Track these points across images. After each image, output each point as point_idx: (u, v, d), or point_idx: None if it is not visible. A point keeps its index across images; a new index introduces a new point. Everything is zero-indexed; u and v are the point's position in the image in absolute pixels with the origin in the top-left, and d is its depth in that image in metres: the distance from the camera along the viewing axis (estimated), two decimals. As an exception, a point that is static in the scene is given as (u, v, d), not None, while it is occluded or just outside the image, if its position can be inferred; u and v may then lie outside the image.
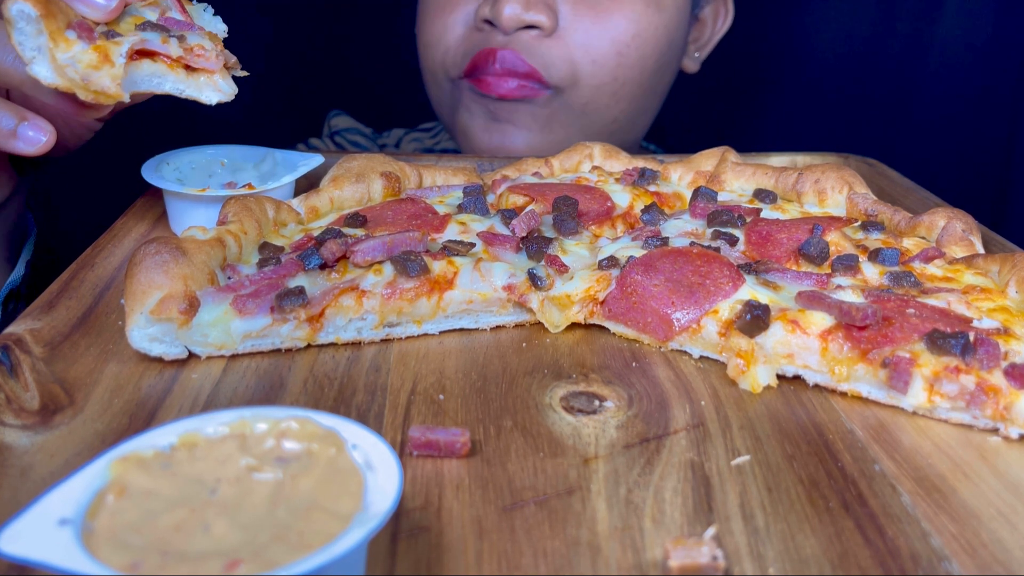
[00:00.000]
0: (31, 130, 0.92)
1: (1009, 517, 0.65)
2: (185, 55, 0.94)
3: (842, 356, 0.79)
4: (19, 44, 0.86)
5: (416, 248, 0.90)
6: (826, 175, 1.11)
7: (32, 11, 0.84)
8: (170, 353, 0.82)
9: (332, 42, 2.25)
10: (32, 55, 0.86)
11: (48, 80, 0.87)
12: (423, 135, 1.94)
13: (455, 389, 0.80)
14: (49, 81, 0.87)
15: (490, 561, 0.59)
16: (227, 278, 0.87)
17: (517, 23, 1.38)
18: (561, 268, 0.93)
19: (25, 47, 0.86)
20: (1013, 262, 0.89)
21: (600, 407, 0.77)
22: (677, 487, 0.67)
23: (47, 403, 0.75)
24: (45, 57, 0.86)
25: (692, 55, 1.66)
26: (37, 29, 0.85)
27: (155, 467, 0.54)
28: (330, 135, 1.92)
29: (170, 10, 0.97)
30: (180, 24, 0.96)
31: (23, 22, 0.85)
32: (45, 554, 0.46)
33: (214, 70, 0.96)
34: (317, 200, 1.03)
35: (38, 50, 0.86)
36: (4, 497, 0.64)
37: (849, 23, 2.10)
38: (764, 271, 0.91)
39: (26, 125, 0.92)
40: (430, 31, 1.51)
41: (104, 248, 1.04)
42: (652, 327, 0.87)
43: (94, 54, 0.88)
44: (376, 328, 0.87)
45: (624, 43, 1.43)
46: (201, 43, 0.95)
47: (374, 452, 0.54)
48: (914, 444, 0.74)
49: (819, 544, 0.62)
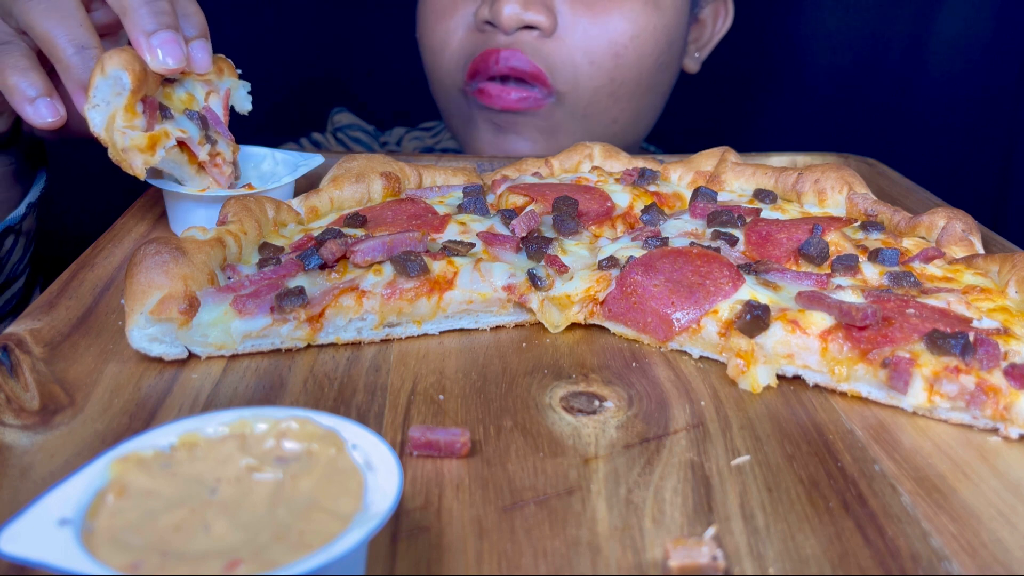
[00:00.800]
0: (45, 107, 0.96)
1: (1009, 517, 0.65)
2: (208, 161, 1.03)
3: (842, 356, 0.79)
4: (95, 88, 0.93)
5: (416, 248, 0.90)
6: (826, 175, 1.11)
7: (128, 84, 0.93)
8: (170, 353, 0.82)
9: (337, 39, 2.25)
10: (97, 103, 0.94)
11: (95, 129, 0.95)
12: (424, 134, 1.94)
13: (455, 389, 0.80)
14: (96, 130, 0.95)
15: (490, 561, 0.59)
16: (227, 278, 0.87)
17: (517, 22, 1.39)
18: (561, 268, 0.93)
19: (97, 94, 0.93)
20: (1013, 262, 0.89)
21: (600, 407, 0.77)
22: (677, 487, 0.67)
23: (47, 403, 0.75)
24: (106, 113, 0.94)
25: (692, 55, 1.66)
26: (117, 93, 0.93)
27: (155, 467, 0.54)
28: (333, 131, 1.92)
29: (217, 93, 1.05)
30: (217, 122, 1.05)
31: (112, 80, 0.93)
32: (45, 554, 0.46)
33: (221, 183, 1.05)
34: (317, 200, 1.03)
35: (105, 103, 0.94)
36: (4, 497, 0.64)
37: (849, 23, 2.10)
38: (764, 271, 0.91)
39: (45, 100, 0.96)
40: (432, 36, 1.51)
41: (104, 248, 1.04)
42: (652, 327, 0.87)
43: (145, 139, 0.96)
44: (376, 328, 0.87)
45: (622, 44, 1.43)
46: (224, 153, 1.04)
47: (374, 452, 0.54)
48: (914, 444, 0.74)
49: (819, 544, 0.62)
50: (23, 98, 0.96)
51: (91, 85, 0.93)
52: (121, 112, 0.94)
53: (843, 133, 2.09)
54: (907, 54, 2.06)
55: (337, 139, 1.90)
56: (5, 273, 1.17)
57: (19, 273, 1.20)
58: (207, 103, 1.05)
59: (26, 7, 0.95)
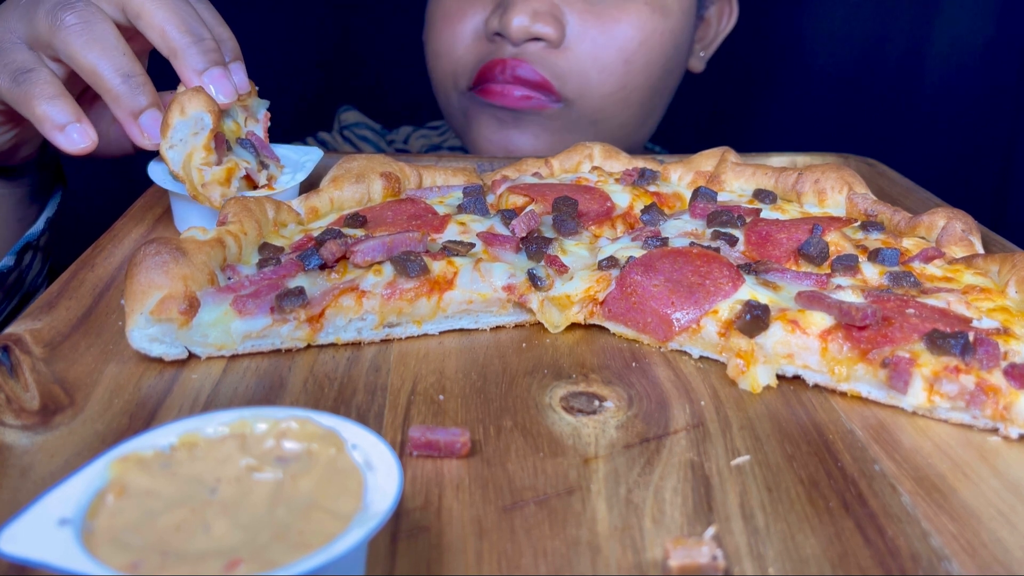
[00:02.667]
0: (77, 133, 0.97)
1: (1009, 517, 0.65)
2: (266, 185, 1.07)
3: (842, 356, 0.79)
4: (174, 128, 0.97)
5: (416, 248, 0.90)
6: (826, 175, 1.11)
7: (209, 123, 0.98)
8: (170, 353, 0.82)
9: (345, 38, 2.25)
10: (175, 144, 0.98)
11: (174, 167, 0.99)
12: (432, 132, 1.94)
13: (455, 389, 0.80)
14: (174, 168, 0.99)
15: (490, 561, 0.59)
16: (227, 278, 0.87)
17: (525, 35, 1.39)
18: (561, 268, 0.93)
19: (176, 134, 0.97)
20: (1013, 262, 0.89)
21: (600, 407, 0.77)
22: (677, 487, 0.67)
23: (47, 403, 0.75)
24: (184, 151, 0.98)
25: (698, 55, 1.66)
26: (195, 132, 0.98)
27: (155, 467, 0.54)
28: (339, 130, 1.92)
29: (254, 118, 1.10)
30: (264, 146, 1.09)
31: (193, 121, 0.97)
32: (45, 554, 0.46)
33: None
34: (317, 200, 1.03)
35: (183, 143, 0.98)
36: (4, 497, 0.64)
37: (849, 23, 2.10)
38: (764, 271, 0.91)
39: (76, 127, 0.97)
40: (439, 40, 1.51)
41: (104, 248, 1.04)
42: (652, 327, 0.87)
43: (223, 173, 1.01)
44: (376, 328, 0.87)
45: (631, 51, 1.44)
46: (276, 176, 1.09)
47: (374, 452, 0.54)
48: (914, 444, 0.74)
49: (819, 544, 0.62)
50: (53, 126, 0.96)
51: (169, 126, 0.96)
52: (200, 150, 0.98)
53: (843, 133, 2.09)
54: (907, 54, 2.06)
55: (344, 138, 1.90)
56: (25, 287, 1.19)
57: (39, 286, 1.22)
58: (247, 127, 1.08)
59: (67, 39, 0.96)
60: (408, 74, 1.89)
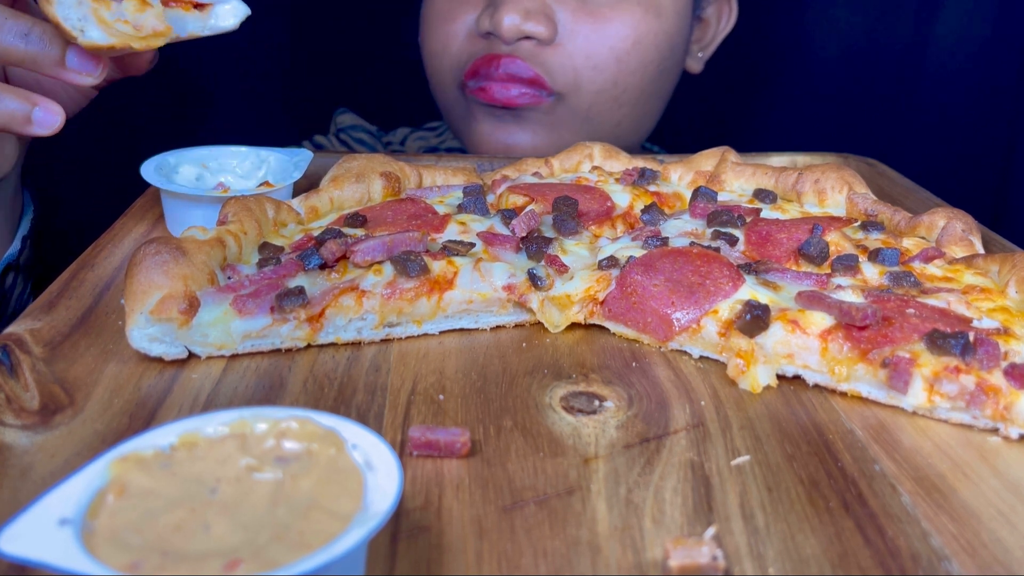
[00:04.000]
0: (43, 113, 0.94)
1: (1009, 517, 0.65)
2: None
3: (842, 356, 0.79)
4: (64, 19, 0.88)
5: (416, 248, 0.90)
6: (826, 175, 1.11)
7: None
8: (170, 353, 0.82)
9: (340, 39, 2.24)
10: (80, 25, 0.89)
11: (102, 42, 0.90)
12: (428, 134, 1.94)
13: (455, 389, 0.80)
14: (103, 43, 0.90)
15: (490, 561, 0.59)
16: (227, 278, 0.87)
17: (517, 33, 1.39)
18: (561, 268, 0.93)
19: (71, 20, 0.89)
20: (1013, 262, 0.89)
21: (600, 407, 0.77)
22: (677, 487, 0.67)
23: (47, 403, 0.75)
24: (93, 21, 0.90)
25: (696, 55, 1.66)
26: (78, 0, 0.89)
27: (155, 467, 0.54)
28: (336, 133, 1.92)
29: None
30: None
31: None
32: (45, 554, 0.46)
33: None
34: (317, 200, 1.03)
35: (84, 19, 0.89)
36: (4, 497, 0.64)
37: (849, 23, 2.10)
38: (764, 271, 0.91)
39: (39, 109, 0.94)
40: (434, 39, 1.52)
41: (104, 248, 1.04)
42: (652, 327, 0.87)
43: (135, 2, 0.92)
44: (376, 328, 0.87)
45: (624, 50, 1.44)
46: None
47: (374, 452, 0.54)
48: (914, 444, 0.74)
49: (819, 544, 0.62)
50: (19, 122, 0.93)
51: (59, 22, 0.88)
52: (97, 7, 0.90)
53: (843, 133, 2.09)
54: (907, 54, 2.06)
55: (340, 140, 1.90)
56: (11, 308, 1.18)
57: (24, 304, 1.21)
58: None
59: None
60: (404, 76, 1.89)
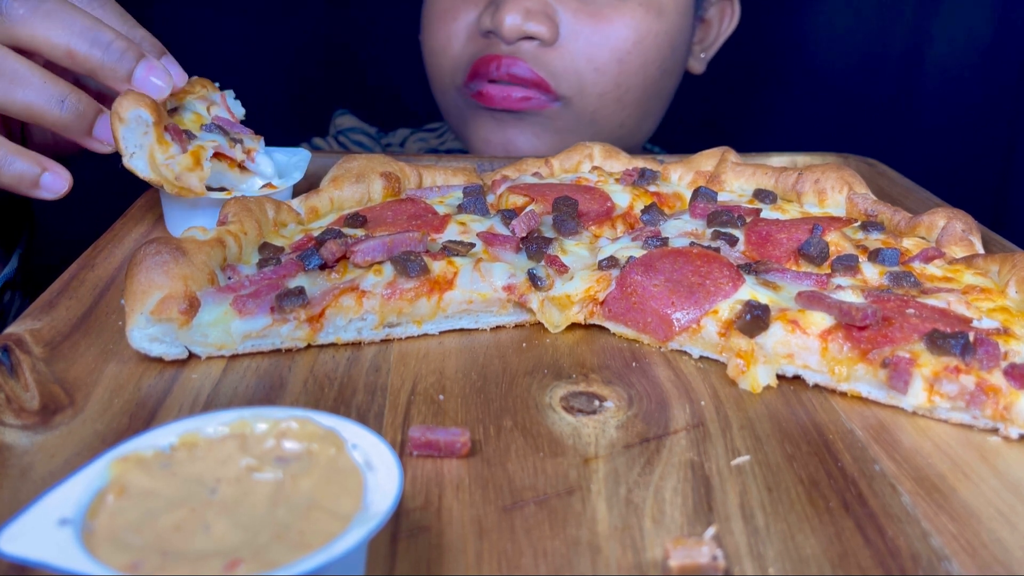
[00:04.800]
0: (52, 178, 0.98)
1: (1009, 517, 0.65)
2: (245, 158, 1.07)
3: (842, 356, 0.79)
4: (123, 139, 0.96)
5: (416, 248, 0.90)
6: (826, 175, 1.11)
7: (148, 118, 0.96)
8: (170, 353, 0.82)
9: (339, 41, 2.25)
10: (133, 151, 0.97)
11: (143, 174, 0.98)
12: (428, 135, 1.94)
13: (455, 389, 0.80)
14: (144, 175, 0.98)
15: (490, 561, 0.59)
16: (227, 278, 0.87)
17: (518, 33, 1.39)
18: (561, 268, 0.93)
19: (128, 143, 0.97)
20: (1013, 262, 0.89)
21: (600, 407, 0.77)
22: (677, 487, 0.67)
23: (47, 403, 0.75)
24: (144, 154, 0.98)
25: (698, 56, 1.65)
26: (145, 131, 0.97)
27: (155, 467, 0.54)
28: (335, 135, 1.92)
29: (215, 105, 1.10)
30: (233, 125, 1.09)
31: (135, 123, 0.96)
32: (45, 554, 0.46)
33: (268, 171, 1.09)
34: (317, 200, 1.03)
35: (139, 147, 0.97)
36: (4, 497, 0.64)
37: (850, 23, 2.10)
38: (764, 271, 0.91)
39: (48, 175, 0.97)
40: (434, 39, 1.51)
41: (104, 248, 1.04)
42: (652, 327, 0.87)
43: (189, 159, 1.00)
44: (376, 328, 0.87)
45: (625, 51, 1.43)
46: (253, 147, 1.08)
47: (374, 452, 0.54)
48: (914, 444, 0.74)
49: (819, 544, 0.62)
50: (27, 186, 0.96)
51: (118, 139, 0.96)
52: (156, 147, 0.98)
53: (843, 133, 2.09)
54: (907, 54, 2.06)
55: (339, 142, 1.90)
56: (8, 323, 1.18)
57: None
58: (210, 113, 1.08)
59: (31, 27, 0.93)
60: (404, 76, 1.89)
